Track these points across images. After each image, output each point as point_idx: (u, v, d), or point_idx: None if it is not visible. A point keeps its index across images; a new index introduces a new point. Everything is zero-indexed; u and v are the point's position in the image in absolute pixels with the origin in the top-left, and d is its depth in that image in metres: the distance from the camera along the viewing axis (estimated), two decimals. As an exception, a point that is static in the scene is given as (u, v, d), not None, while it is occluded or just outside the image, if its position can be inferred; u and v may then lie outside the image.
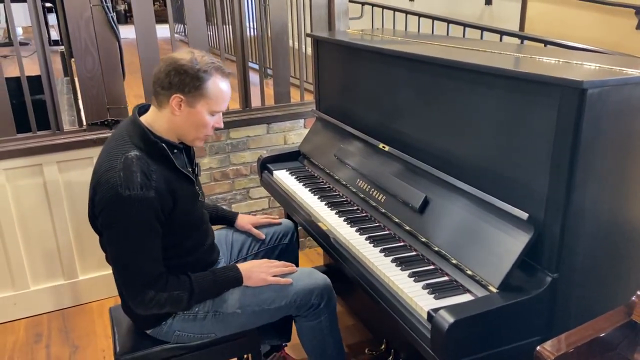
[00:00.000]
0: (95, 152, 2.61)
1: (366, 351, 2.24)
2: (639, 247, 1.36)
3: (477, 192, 1.46)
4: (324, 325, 1.80)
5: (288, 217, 2.33)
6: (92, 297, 2.80)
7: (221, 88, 1.57)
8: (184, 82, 1.52)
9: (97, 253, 2.69)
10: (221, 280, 1.68)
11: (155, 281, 1.54)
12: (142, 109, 1.66)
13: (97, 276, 2.77)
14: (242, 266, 1.73)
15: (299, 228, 2.14)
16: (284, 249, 2.04)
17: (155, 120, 1.60)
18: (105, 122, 2.62)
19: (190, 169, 1.71)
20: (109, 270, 2.80)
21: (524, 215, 1.30)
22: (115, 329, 1.82)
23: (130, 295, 1.56)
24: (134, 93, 2.84)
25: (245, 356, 2.18)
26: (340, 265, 1.74)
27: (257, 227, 2.02)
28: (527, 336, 1.32)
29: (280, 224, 2.06)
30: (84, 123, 2.64)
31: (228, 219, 2.03)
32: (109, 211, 1.49)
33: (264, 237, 2.00)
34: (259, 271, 1.72)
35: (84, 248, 2.71)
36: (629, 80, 1.18)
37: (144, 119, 1.60)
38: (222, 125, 1.65)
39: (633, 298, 1.13)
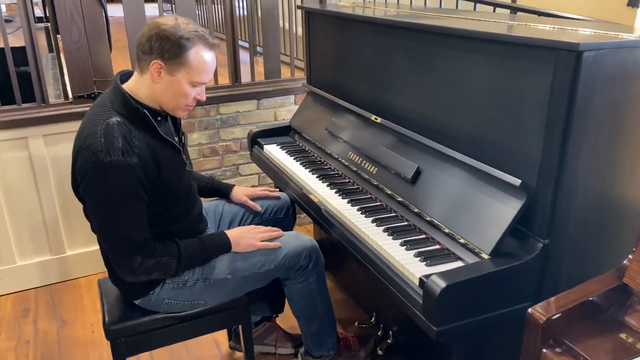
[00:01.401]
0: (82, 126, 2.57)
1: (356, 324, 2.25)
2: (629, 214, 1.37)
3: (470, 161, 1.46)
4: (313, 287, 1.81)
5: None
6: (80, 273, 2.77)
7: (204, 58, 1.53)
8: (164, 48, 1.48)
9: (85, 229, 2.67)
10: (209, 247, 1.67)
11: (142, 248, 1.53)
12: (125, 76, 1.63)
13: (84, 252, 2.75)
14: (230, 233, 1.72)
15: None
16: (279, 224, 2.03)
17: (137, 86, 1.57)
18: (92, 95, 2.57)
19: (176, 138, 1.68)
20: (96, 246, 2.78)
21: (517, 182, 1.30)
22: (104, 300, 1.81)
23: (117, 262, 1.55)
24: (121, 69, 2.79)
25: (234, 328, 2.19)
26: (331, 236, 1.73)
27: (254, 199, 2.01)
28: (517, 302, 1.32)
29: (279, 197, 2.05)
30: (70, 96, 2.59)
31: (223, 191, 2.02)
32: (90, 178, 1.47)
33: (260, 209, 1.99)
34: (247, 237, 1.72)
35: (71, 223, 2.68)
36: (624, 43, 1.18)
37: (127, 86, 1.57)
38: (204, 98, 1.62)
39: (624, 261, 1.13)
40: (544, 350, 1.06)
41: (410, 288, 1.35)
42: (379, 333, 2.18)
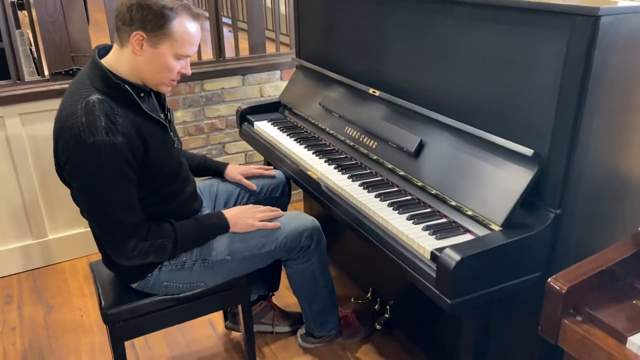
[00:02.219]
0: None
1: (352, 300, 2.25)
2: (638, 185, 1.37)
3: (477, 132, 1.44)
4: (315, 267, 1.78)
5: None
6: (63, 257, 2.68)
7: (188, 29, 1.45)
8: (146, 18, 1.40)
9: (67, 211, 2.59)
10: (206, 228, 1.62)
11: (135, 230, 1.46)
12: (103, 50, 1.54)
13: (67, 235, 2.65)
14: (228, 212, 1.67)
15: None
16: (274, 203, 1.98)
17: (117, 61, 1.48)
18: (70, 72, 2.45)
19: (162, 115, 1.61)
20: (80, 229, 2.71)
21: (529, 152, 1.29)
22: (98, 284, 1.75)
23: (110, 246, 1.48)
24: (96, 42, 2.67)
25: (230, 308, 2.15)
26: (333, 213, 1.70)
27: (249, 178, 1.95)
28: (528, 272, 1.32)
29: (274, 176, 2.00)
30: (47, 73, 2.47)
31: (217, 170, 1.96)
32: (74, 161, 1.39)
33: (255, 188, 1.93)
34: (245, 217, 1.67)
35: (52, 206, 2.58)
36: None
37: (106, 61, 1.48)
38: (189, 72, 1.54)
39: None
40: (564, 319, 1.06)
41: (422, 262, 1.33)
42: (376, 308, 2.18)
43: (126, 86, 1.45)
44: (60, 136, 1.41)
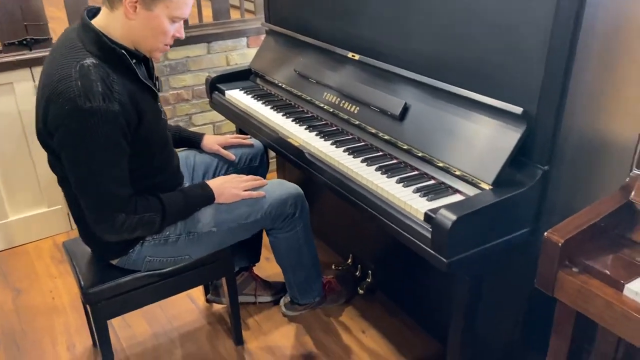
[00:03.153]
0: (15, 77, 2.31)
1: (333, 267, 2.26)
2: (622, 144, 1.41)
3: (464, 92, 1.44)
4: (299, 235, 1.77)
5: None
6: (27, 239, 2.56)
7: None
8: None
9: (28, 190, 2.46)
10: (192, 200, 1.58)
11: (125, 204, 1.41)
12: (90, 13, 1.45)
13: (30, 216, 2.53)
14: (212, 183, 1.63)
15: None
16: (253, 173, 1.94)
17: (108, 24, 1.40)
18: (24, 42, 2.30)
19: (152, 82, 1.54)
20: (43, 209, 2.58)
21: (518, 110, 1.30)
22: (74, 264, 1.68)
23: (97, 220, 1.41)
24: (49, 15, 2.49)
25: (211, 283, 2.12)
26: (317, 179, 1.68)
27: (226, 148, 1.90)
28: (518, 228, 1.36)
29: (252, 145, 1.95)
30: (-2, 43, 2.30)
31: (193, 140, 1.89)
32: (68, 126, 1.31)
33: (234, 158, 1.88)
34: (230, 187, 1.64)
35: (12, 186, 2.44)
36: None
37: (96, 23, 1.40)
38: (183, 35, 1.48)
39: (627, 180, 1.17)
40: (561, 271, 1.10)
41: (415, 224, 1.34)
42: (357, 273, 2.21)
43: (122, 51, 1.37)
44: (51, 102, 1.31)
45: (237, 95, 2.20)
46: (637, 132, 1.22)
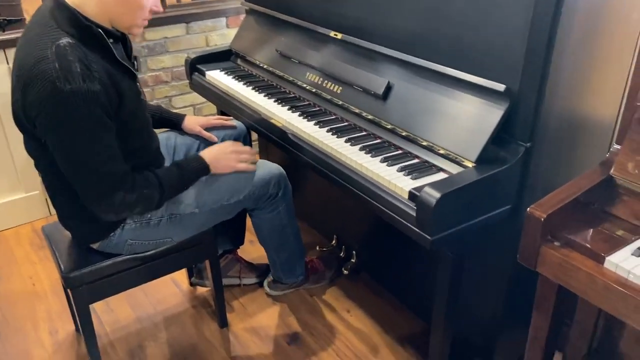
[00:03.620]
0: (-12, 58, 2.23)
1: (317, 249, 2.26)
2: (602, 121, 1.43)
3: (446, 70, 1.43)
4: (282, 215, 1.77)
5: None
6: (5, 225, 2.51)
7: None
8: None
9: (5, 176, 2.40)
10: (187, 173, 1.56)
11: (122, 181, 1.38)
12: None
13: (7, 202, 2.48)
14: (208, 154, 1.61)
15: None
16: None
17: (83, 1, 1.34)
18: (-5, 22, 2.22)
19: (130, 63, 1.50)
20: (20, 194, 2.53)
21: (501, 87, 1.30)
22: (54, 249, 1.65)
23: (95, 201, 1.38)
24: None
25: (194, 266, 2.11)
26: (301, 160, 1.66)
27: (208, 129, 1.87)
28: (501, 205, 1.37)
29: (234, 127, 1.93)
30: (-34, 23, 2.22)
31: (174, 121, 1.86)
32: (49, 111, 1.26)
33: (216, 139, 1.86)
34: (224, 158, 1.62)
35: (-13, 171, 2.38)
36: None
37: (69, 1, 1.34)
38: (161, 9, 1.45)
39: (607, 155, 1.19)
40: (543, 245, 1.11)
41: (400, 202, 1.34)
42: (342, 254, 2.21)
43: (99, 30, 1.33)
44: (29, 86, 1.25)
45: (217, 76, 2.17)
46: (616, 111, 1.24)
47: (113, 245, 1.57)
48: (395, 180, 1.38)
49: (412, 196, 1.31)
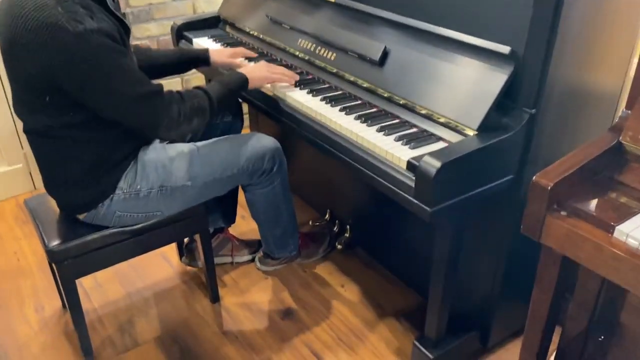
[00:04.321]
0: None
1: (310, 223, 2.21)
2: (605, 92, 1.37)
3: (447, 32, 1.36)
4: (277, 190, 1.71)
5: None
6: (-16, 200, 2.43)
7: None
8: None
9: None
10: (229, 83, 1.56)
11: (168, 96, 1.39)
12: None
13: (-12, 176, 2.39)
14: (242, 69, 1.64)
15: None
16: (228, 128, 1.85)
17: None
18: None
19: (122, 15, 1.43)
20: (2, 168, 2.45)
21: (506, 50, 1.23)
22: (37, 222, 1.58)
23: (155, 124, 1.38)
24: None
25: (185, 241, 2.06)
26: (295, 130, 1.60)
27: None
28: (503, 175, 1.31)
29: (256, 56, 1.89)
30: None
31: (201, 58, 1.82)
32: (73, 59, 1.21)
33: (247, 63, 1.82)
34: (260, 70, 1.64)
35: (-34, 144, 2.29)
36: None
37: None
38: None
39: (617, 120, 1.14)
40: (549, 215, 1.06)
41: (398, 173, 1.28)
42: (335, 229, 2.17)
43: None
44: (36, 37, 1.20)
45: (205, 44, 2.07)
46: (622, 79, 1.18)
47: (101, 217, 1.51)
48: (392, 150, 1.31)
49: (411, 166, 1.25)
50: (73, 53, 1.21)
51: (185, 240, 2.05)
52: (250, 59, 1.87)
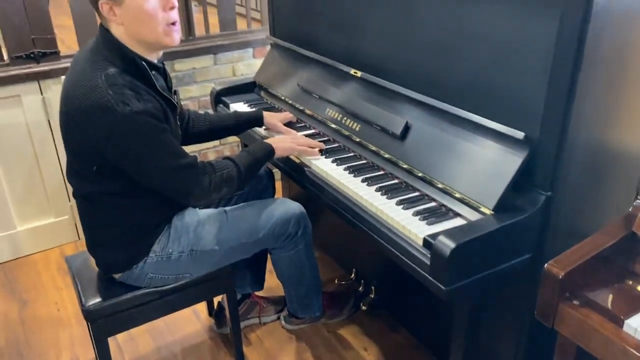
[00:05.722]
0: (23, 90, 2.33)
1: (335, 282, 2.24)
2: (627, 166, 1.38)
3: (465, 114, 1.41)
4: (301, 254, 1.76)
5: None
6: (33, 249, 2.58)
7: None
8: None
9: (35, 201, 2.48)
10: (257, 154, 1.64)
11: (200, 168, 1.50)
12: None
13: (37, 226, 2.55)
14: (269, 139, 1.72)
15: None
16: (259, 196, 1.92)
17: (121, 35, 1.41)
18: (32, 55, 2.31)
19: (170, 94, 1.56)
20: (50, 219, 2.60)
21: (520, 135, 1.27)
22: (76, 279, 1.68)
23: (188, 194, 1.48)
24: (60, 23, 2.52)
25: (215, 307, 2.11)
26: (318, 199, 1.66)
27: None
28: (519, 255, 1.33)
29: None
30: (6, 57, 2.31)
31: (256, 119, 1.96)
32: (118, 135, 1.34)
33: (292, 131, 1.93)
34: (285, 141, 1.73)
35: (19, 196, 2.46)
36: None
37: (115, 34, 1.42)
38: (176, 3, 1.44)
39: (630, 209, 1.14)
40: (561, 303, 1.07)
41: (414, 249, 1.32)
42: (360, 289, 2.19)
43: (142, 62, 1.41)
44: (89, 117, 1.34)
45: (240, 109, 2.19)
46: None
47: (135, 277, 1.60)
48: (409, 226, 1.35)
49: (427, 243, 1.29)
50: (120, 131, 1.34)
51: (216, 306, 2.11)
52: (293, 124, 2.01)
